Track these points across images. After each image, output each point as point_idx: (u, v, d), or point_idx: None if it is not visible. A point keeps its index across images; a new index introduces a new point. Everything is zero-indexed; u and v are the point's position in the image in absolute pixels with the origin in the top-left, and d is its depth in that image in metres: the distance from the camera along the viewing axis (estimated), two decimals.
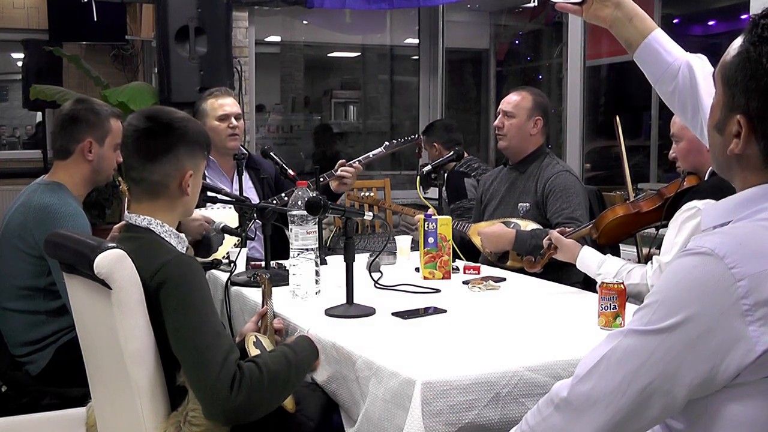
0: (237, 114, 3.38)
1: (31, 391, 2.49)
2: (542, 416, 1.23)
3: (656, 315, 1.11)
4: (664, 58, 1.65)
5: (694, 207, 2.26)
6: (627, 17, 1.65)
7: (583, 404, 1.16)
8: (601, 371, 1.15)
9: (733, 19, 5.33)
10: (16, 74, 7.00)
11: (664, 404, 1.11)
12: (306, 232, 2.27)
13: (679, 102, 1.68)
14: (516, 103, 3.22)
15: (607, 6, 1.64)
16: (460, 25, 7.12)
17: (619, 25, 1.65)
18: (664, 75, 1.66)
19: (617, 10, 1.64)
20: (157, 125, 1.84)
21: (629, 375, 1.12)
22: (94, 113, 2.58)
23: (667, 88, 1.68)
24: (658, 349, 1.10)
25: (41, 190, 2.54)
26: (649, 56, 1.66)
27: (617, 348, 1.14)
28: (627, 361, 1.13)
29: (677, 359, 1.08)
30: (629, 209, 2.53)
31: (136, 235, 1.81)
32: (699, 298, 1.07)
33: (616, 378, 1.13)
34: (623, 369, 1.13)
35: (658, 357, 1.10)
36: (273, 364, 1.69)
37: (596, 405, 1.15)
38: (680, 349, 1.08)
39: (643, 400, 1.12)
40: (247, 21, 5.56)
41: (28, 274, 2.47)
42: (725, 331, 1.06)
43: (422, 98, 6.57)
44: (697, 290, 1.08)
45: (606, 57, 5.90)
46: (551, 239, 2.57)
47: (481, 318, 2.15)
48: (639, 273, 2.37)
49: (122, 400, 1.74)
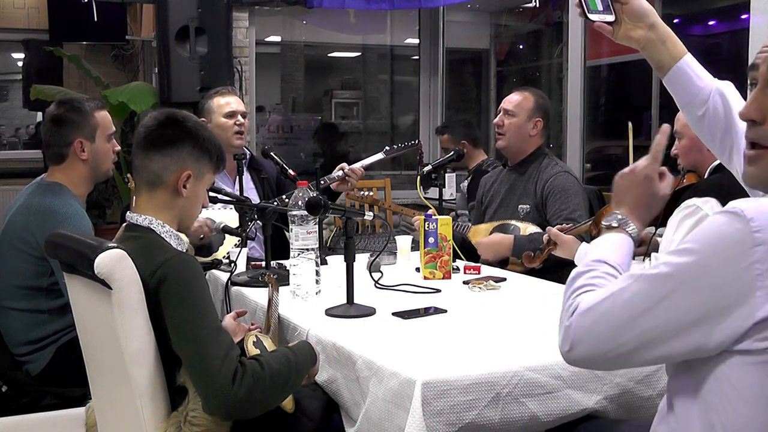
0: (243, 112, 3.37)
1: (31, 391, 2.48)
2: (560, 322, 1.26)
3: (677, 258, 1.16)
4: (696, 83, 1.64)
5: (693, 205, 2.26)
6: (660, 39, 1.61)
7: (580, 336, 1.21)
8: (605, 309, 1.20)
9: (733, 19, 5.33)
10: (16, 74, 7.01)
11: (660, 353, 1.16)
12: (306, 232, 2.27)
13: (708, 127, 1.67)
14: (517, 103, 3.22)
15: (641, 27, 1.61)
16: (461, 25, 7.12)
17: (652, 47, 1.62)
18: (694, 100, 1.65)
19: (651, 32, 1.61)
20: (171, 120, 1.86)
21: (633, 317, 1.16)
22: (77, 112, 2.56)
23: (696, 113, 1.67)
24: (669, 295, 1.14)
25: (42, 191, 2.54)
26: (680, 80, 1.64)
27: (626, 290, 1.19)
28: (634, 303, 1.17)
29: (683, 306, 1.13)
30: None
31: (137, 234, 1.81)
32: (718, 251, 1.12)
33: (620, 317, 1.18)
34: (628, 310, 1.17)
35: (666, 303, 1.14)
36: (275, 364, 1.70)
37: (593, 340, 1.20)
38: (689, 298, 1.13)
39: (641, 345, 1.16)
40: (247, 21, 5.56)
41: (30, 274, 2.47)
42: (733, 289, 1.10)
43: (422, 98, 6.57)
44: (717, 244, 1.12)
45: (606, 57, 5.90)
46: (550, 235, 2.57)
47: (481, 318, 2.15)
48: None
49: (122, 400, 1.74)
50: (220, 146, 1.94)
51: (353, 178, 3.25)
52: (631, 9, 1.59)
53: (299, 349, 1.82)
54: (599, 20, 1.59)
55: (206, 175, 1.90)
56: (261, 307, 2.31)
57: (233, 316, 2.14)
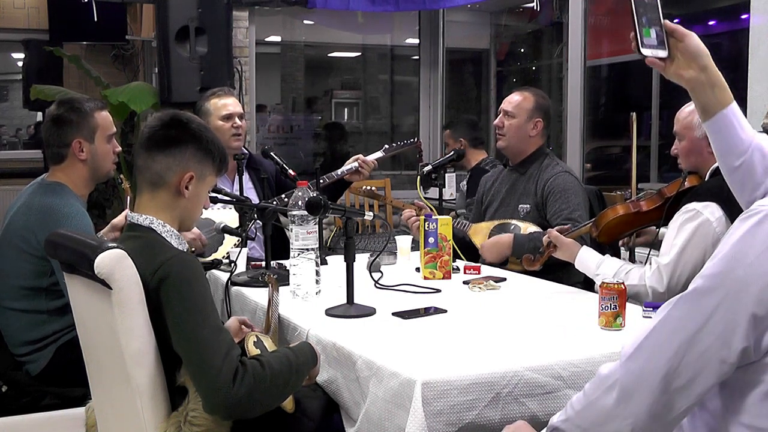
0: (240, 114, 3.38)
1: (32, 391, 2.48)
2: (589, 400, 1.22)
3: (714, 270, 1.12)
4: (738, 134, 1.61)
5: (694, 209, 2.26)
6: (710, 83, 1.56)
7: (634, 382, 1.16)
8: (653, 345, 1.15)
9: (733, 19, 5.33)
10: (16, 74, 7.01)
11: (719, 372, 1.12)
12: (306, 232, 2.27)
13: (741, 179, 1.65)
14: (517, 104, 3.21)
15: (693, 67, 1.55)
16: (461, 25, 7.12)
17: (700, 89, 1.57)
18: (734, 150, 1.63)
19: (701, 74, 1.55)
20: (175, 121, 1.87)
21: (684, 344, 1.12)
22: (76, 112, 2.56)
23: (733, 163, 1.64)
24: (718, 309, 1.11)
25: (43, 190, 2.54)
26: (724, 128, 1.61)
27: (668, 318, 1.15)
28: (681, 329, 1.13)
29: (734, 319, 1.10)
30: (629, 209, 2.53)
31: (138, 234, 1.81)
32: (758, 253, 1.09)
33: (670, 349, 1.13)
34: (677, 338, 1.13)
35: (716, 318, 1.11)
36: (276, 364, 1.70)
37: (649, 380, 1.14)
38: (735, 307, 1.10)
39: (700, 369, 1.12)
40: (247, 21, 5.56)
41: (31, 274, 2.47)
42: None
43: (422, 98, 6.58)
44: (756, 248, 1.10)
45: (606, 57, 5.90)
46: (550, 238, 2.57)
47: (481, 318, 2.15)
48: (637, 274, 2.36)
49: (122, 400, 1.74)
50: (223, 149, 1.94)
51: (366, 169, 3.31)
52: (686, 47, 1.54)
53: (300, 349, 1.82)
54: (652, 55, 1.55)
55: (208, 177, 1.91)
56: (261, 307, 2.31)
57: (240, 320, 2.14)
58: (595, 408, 1.21)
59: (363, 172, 3.31)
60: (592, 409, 1.21)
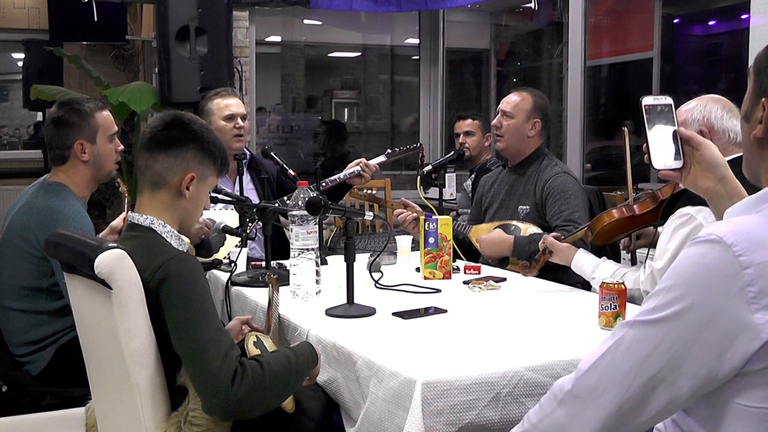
0: (243, 114, 3.38)
1: (32, 391, 2.48)
2: (545, 413, 1.23)
3: (664, 300, 1.12)
4: None
5: (687, 214, 2.26)
6: (728, 194, 1.52)
7: (588, 397, 1.17)
8: (607, 363, 1.17)
9: (733, 19, 5.33)
10: (16, 74, 7.01)
11: (670, 396, 1.13)
12: (306, 232, 2.27)
13: None
14: (515, 104, 3.21)
15: (710, 178, 1.52)
16: (461, 25, 7.12)
17: (718, 200, 1.53)
18: None
19: (720, 185, 1.52)
20: (177, 121, 1.87)
21: (636, 365, 1.13)
22: (77, 114, 2.56)
23: None
24: (666, 337, 1.11)
25: (44, 191, 2.54)
26: None
27: (623, 339, 1.16)
28: (634, 351, 1.14)
29: (684, 347, 1.10)
30: (623, 212, 2.53)
31: (138, 234, 1.82)
32: (706, 284, 1.09)
33: (623, 369, 1.15)
34: (630, 359, 1.14)
35: (665, 345, 1.11)
36: (275, 364, 1.69)
37: (602, 397, 1.16)
38: (687, 337, 1.10)
39: (649, 391, 1.13)
40: (247, 21, 5.56)
41: (31, 274, 2.47)
42: (731, 317, 1.08)
43: (422, 98, 6.58)
44: (704, 276, 1.10)
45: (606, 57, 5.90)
46: (546, 244, 2.58)
47: (481, 318, 2.15)
48: (632, 278, 2.37)
49: (123, 400, 1.75)
50: (225, 150, 1.94)
51: (368, 173, 3.33)
52: (703, 157, 1.51)
53: (300, 350, 1.82)
54: (665, 169, 1.52)
55: (209, 178, 1.91)
56: (261, 307, 2.31)
57: (242, 320, 2.14)
58: (549, 420, 1.22)
59: (365, 176, 3.32)
60: (547, 421, 1.23)
